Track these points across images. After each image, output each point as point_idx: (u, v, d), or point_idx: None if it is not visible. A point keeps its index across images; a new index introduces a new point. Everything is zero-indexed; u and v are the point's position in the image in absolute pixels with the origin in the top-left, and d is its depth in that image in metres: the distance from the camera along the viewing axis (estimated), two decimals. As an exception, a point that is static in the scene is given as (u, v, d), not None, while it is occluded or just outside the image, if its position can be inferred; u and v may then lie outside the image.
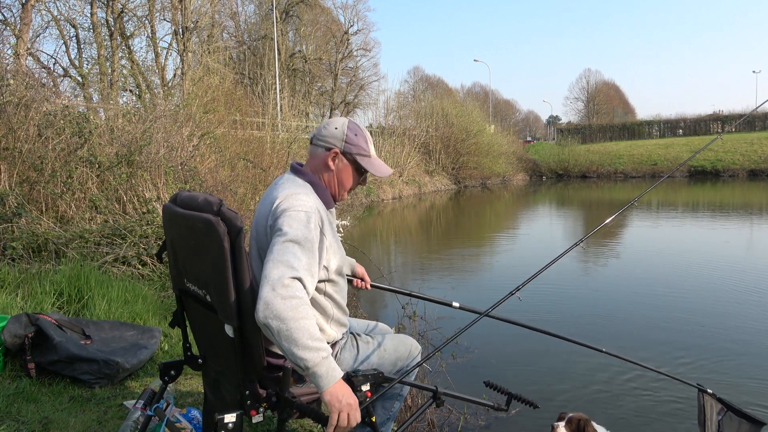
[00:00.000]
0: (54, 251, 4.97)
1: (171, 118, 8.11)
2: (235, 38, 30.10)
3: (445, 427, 3.23)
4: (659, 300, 6.13)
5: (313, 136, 1.90)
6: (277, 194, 1.74)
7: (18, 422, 2.44)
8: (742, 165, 31.25)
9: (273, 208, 1.70)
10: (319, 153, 1.88)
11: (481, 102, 43.87)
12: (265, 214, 1.75)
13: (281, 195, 1.72)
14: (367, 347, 1.99)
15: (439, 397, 1.98)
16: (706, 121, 42.82)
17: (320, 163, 1.87)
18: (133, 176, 6.29)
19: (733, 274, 7.30)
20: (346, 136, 1.86)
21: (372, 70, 37.97)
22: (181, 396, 2.90)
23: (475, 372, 4.08)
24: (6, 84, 6.20)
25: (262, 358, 1.63)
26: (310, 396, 1.83)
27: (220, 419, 1.59)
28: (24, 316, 2.99)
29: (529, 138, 65.49)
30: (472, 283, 7.61)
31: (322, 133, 1.88)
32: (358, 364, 1.94)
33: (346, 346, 1.94)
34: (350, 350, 1.94)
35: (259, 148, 11.67)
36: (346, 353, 1.92)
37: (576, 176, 35.51)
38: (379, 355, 2.00)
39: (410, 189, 23.19)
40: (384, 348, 2.03)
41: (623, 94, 66.48)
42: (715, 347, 4.58)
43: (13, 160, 5.75)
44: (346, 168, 1.89)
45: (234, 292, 1.55)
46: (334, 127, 1.87)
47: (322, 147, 1.87)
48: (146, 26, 18.12)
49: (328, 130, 1.87)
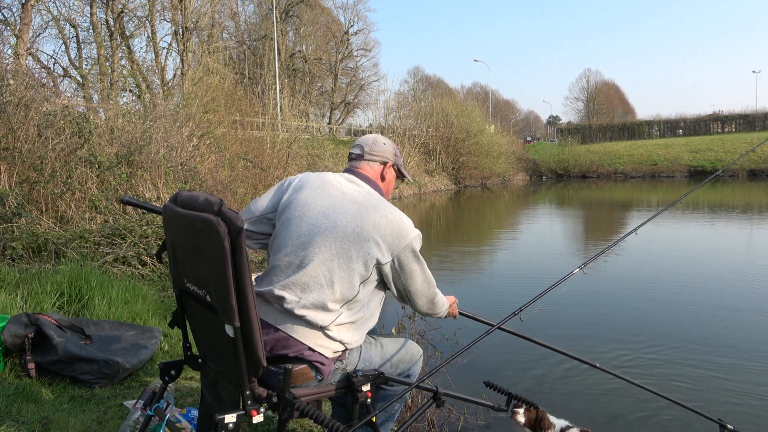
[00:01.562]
0: (54, 251, 4.96)
1: (171, 118, 8.11)
2: (235, 38, 30.11)
3: (445, 427, 3.23)
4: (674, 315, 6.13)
5: (365, 153, 2.08)
6: (389, 214, 1.86)
7: (18, 422, 2.44)
8: (742, 165, 31.24)
9: (393, 226, 1.84)
10: (375, 167, 2.09)
11: (481, 102, 43.90)
12: (367, 219, 1.83)
13: (398, 216, 1.88)
14: (370, 347, 2.00)
15: (439, 397, 1.99)
16: (706, 121, 42.82)
17: (377, 175, 2.10)
18: (133, 176, 6.29)
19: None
20: (395, 151, 2.15)
21: (372, 70, 38.10)
22: (181, 396, 2.90)
23: (475, 372, 4.07)
24: (6, 84, 6.20)
25: (262, 358, 1.63)
26: (311, 396, 1.83)
27: (220, 419, 1.59)
28: (24, 316, 2.98)
29: (529, 138, 65.52)
30: (473, 283, 7.61)
31: (376, 150, 2.09)
32: (361, 364, 1.95)
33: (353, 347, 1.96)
34: (356, 349, 1.95)
35: (259, 148, 11.69)
36: (354, 353, 1.94)
37: (576, 176, 35.52)
38: (381, 356, 2.01)
39: (410, 189, 23.19)
40: (386, 349, 2.04)
41: (623, 94, 66.62)
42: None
43: (13, 160, 5.75)
44: (394, 178, 2.18)
45: (234, 292, 1.55)
46: (383, 143, 2.12)
47: (377, 161, 2.09)
48: (146, 26, 18.14)
49: (380, 146, 2.10)
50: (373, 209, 1.85)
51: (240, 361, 1.61)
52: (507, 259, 9.61)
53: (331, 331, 1.80)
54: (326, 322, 1.78)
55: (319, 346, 1.79)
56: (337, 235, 1.80)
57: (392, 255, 1.83)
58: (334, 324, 1.80)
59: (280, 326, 1.79)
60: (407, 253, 1.85)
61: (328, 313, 1.79)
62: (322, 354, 1.80)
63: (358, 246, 1.79)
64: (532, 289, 2.22)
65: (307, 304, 1.78)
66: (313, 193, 1.91)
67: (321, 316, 1.78)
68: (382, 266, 1.83)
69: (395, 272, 1.86)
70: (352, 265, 1.79)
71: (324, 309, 1.78)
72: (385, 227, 1.82)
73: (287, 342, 1.78)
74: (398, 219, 1.86)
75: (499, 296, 6.53)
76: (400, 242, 1.83)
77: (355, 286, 1.81)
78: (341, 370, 1.88)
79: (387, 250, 1.82)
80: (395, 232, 1.83)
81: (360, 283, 1.82)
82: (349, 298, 1.81)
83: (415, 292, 1.93)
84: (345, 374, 1.90)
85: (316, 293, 1.78)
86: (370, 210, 1.84)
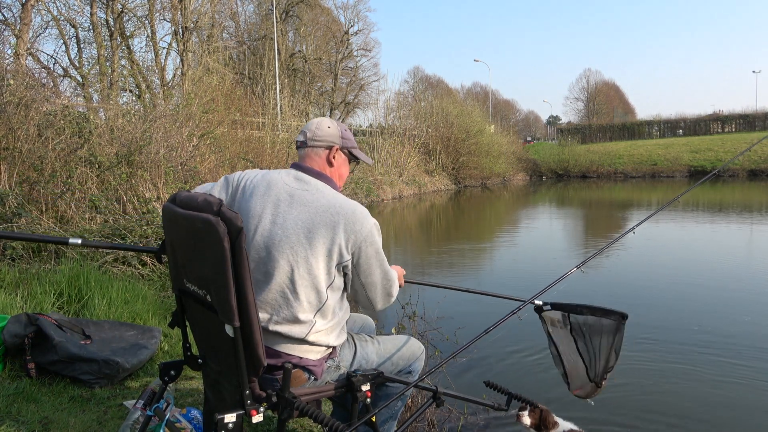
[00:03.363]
0: (54, 251, 4.97)
1: (171, 118, 8.12)
2: (235, 38, 30.09)
3: (445, 427, 3.23)
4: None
5: (308, 139, 1.95)
6: (341, 209, 1.77)
7: (18, 422, 2.44)
8: (742, 165, 31.21)
9: (348, 220, 1.75)
10: (320, 153, 1.95)
11: (481, 102, 43.87)
12: (318, 220, 1.75)
13: (350, 209, 1.78)
14: (366, 345, 2.00)
15: (439, 397, 1.99)
16: (706, 121, 42.78)
17: (324, 162, 1.96)
18: (133, 176, 6.29)
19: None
20: (341, 133, 1.99)
21: (372, 70, 38.01)
22: (181, 396, 2.90)
23: (475, 372, 4.07)
24: (6, 84, 6.20)
25: (262, 358, 1.63)
26: (311, 396, 1.83)
27: (220, 419, 1.59)
28: (24, 316, 2.98)
29: (529, 138, 65.46)
30: (472, 283, 7.61)
31: (319, 134, 1.95)
32: (358, 362, 1.95)
33: (345, 344, 1.95)
34: (349, 347, 1.95)
35: (259, 148, 11.69)
36: (345, 351, 1.93)
37: (576, 176, 35.50)
38: (378, 354, 2.00)
39: (410, 189, 23.18)
40: (384, 347, 2.03)
41: (623, 94, 66.52)
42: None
43: (13, 160, 5.76)
44: (344, 161, 2.02)
45: (234, 292, 1.55)
46: (326, 126, 1.97)
47: (321, 146, 1.95)
48: (146, 26, 18.13)
49: (323, 130, 1.96)
50: (323, 209, 1.77)
51: (240, 361, 1.61)
52: (506, 258, 9.61)
53: (310, 339, 1.77)
54: (302, 333, 1.76)
55: (304, 353, 1.79)
56: (293, 244, 1.74)
57: (351, 250, 1.77)
58: (311, 333, 1.77)
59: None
60: (366, 246, 1.78)
61: (302, 325, 1.76)
62: (309, 359, 1.80)
63: (315, 250, 1.73)
64: (532, 288, 2.22)
65: (279, 320, 1.75)
66: (261, 200, 1.82)
67: (296, 329, 1.75)
68: (344, 264, 1.77)
69: (355, 267, 1.80)
70: (313, 271, 1.74)
71: (297, 322, 1.75)
72: (339, 224, 1.74)
73: (271, 353, 1.77)
74: (351, 212, 1.77)
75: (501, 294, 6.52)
76: (357, 236, 1.76)
77: (322, 291, 1.76)
78: (335, 368, 1.88)
79: (345, 248, 1.75)
80: (350, 227, 1.75)
81: (327, 287, 1.77)
82: (319, 306, 1.77)
83: (373, 284, 1.85)
84: (344, 374, 1.90)
85: (286, 309, 1.74)
86: (321, 211, 1.77)
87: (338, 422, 1.57)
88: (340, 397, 2.03)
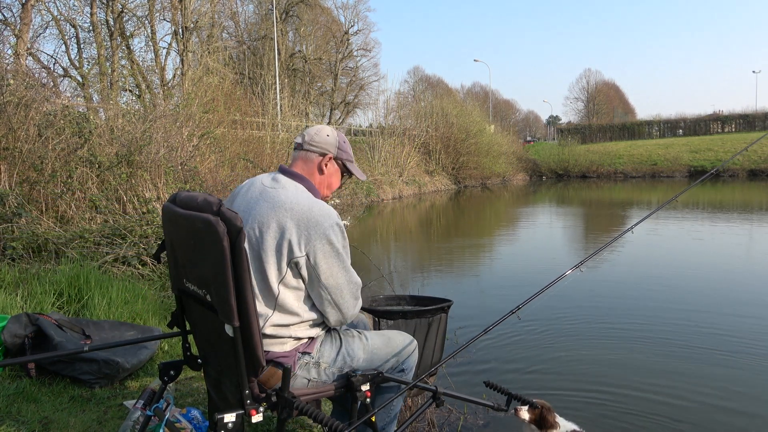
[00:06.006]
0: (54, 251, 4.96)
1: (171, 118, 8.12)
2: (235, 38, 30.10)
3: (445, 427, 3.23)
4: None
5: (305, 142, 1.98)
6: (297, 205, 1.77)
7: (18, 422, 2.44)
8: (742, 165, 31.24)
9: (301, 217, 1.75)
10: (312, 158, 1.98)
11: (481, 102, 43.89)
12: (272, 215, 1.76)
13: (309, 206, 1.78)
14: (352, 341, 1.96)
15: (439, 397, 1.98)
16: (706, 121, 42.76)
17: (314, 167, 1.98)
18: (133, 176, 6.29)
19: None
20: (339, 143, 2.01)
21: (372, 70, 38.01)
22: (181, 396, 2.90)
23: (475, 372, 4.07)
24: (6, 84, 6.20)
25: (262, 358, 1.63)
26: (310, 396, 1.83)
27: (219, 419, 1.59)
28: (24, 316, 2.98)
29: (529, 138, 65.49)
30: (472, 282, 7.61)
31: (316, 140, 1.98)
32: (342, 358, 1.91)
33: (327, 339, 1.92)
34: (332, 343, 1.92)
35: (259, 148, 11.70)
36: (327, 346, 1.90)
37: (576, 176, 35.50)
38: (365, 350, 1.96)
39: (410, 189, 23.19)
40: (372, 342, 1.99)
41: (623, 94, 66.56)
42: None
43: (13, 160, 5.76)
44: (336, 172, 2.04)
45: (234, 291, 1.55)
46: (326, 134, 2.00)
47: (315, 152, 1.98)
48: (146, 26, 18.12)
49: (321, 137, 1.99)
50: (279, 205, 1.77)
51: (239, 361, 1.61)
52: (506, 258, 9.61)
53: (267, 331, 1.76)
54: (260, 325, 1.72)
55: (267, 345, 1.76)
56: (249, 238, 1.74)
57: (305, 248, 1.74)
58: (267, 326, 1.76)
59: None
60: (323, 245, 1.75)
61: (259, 317, 1.72)
62: (275, 351, 1.78)
63: (265, 244, 1.74)
64: (531, 288, 2.22)
65: None
66: (240, 200, 1.89)
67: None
68: (296, 260, 1.74)
69: (314, 268, 1.76)
70: (262, 266, 1.75)
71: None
72: (291, 219, 1.74)
73: None
74: (307, 209, 1.76)
75: (498, 295, 6.53)
76: (311, 233, 1.73)
77: (273, 286, 1.75)
78: (313, 364, 1.85)
79: (297, 244, 1.73)
80: (303, 224, 1.74)
81: (278, 282, 1.75)
82: (273, 301, 1.76)
83: (338, 287, 1.79)
84: (344, 374, 1.90)
85: None
86: (276, 206, 1.77)
87: (338, 422, 1.57)
88: (340, 397, 2.03)
